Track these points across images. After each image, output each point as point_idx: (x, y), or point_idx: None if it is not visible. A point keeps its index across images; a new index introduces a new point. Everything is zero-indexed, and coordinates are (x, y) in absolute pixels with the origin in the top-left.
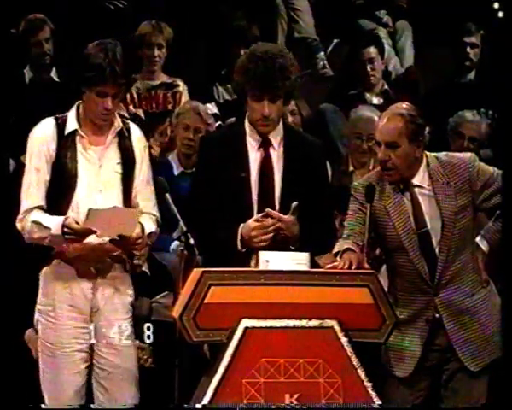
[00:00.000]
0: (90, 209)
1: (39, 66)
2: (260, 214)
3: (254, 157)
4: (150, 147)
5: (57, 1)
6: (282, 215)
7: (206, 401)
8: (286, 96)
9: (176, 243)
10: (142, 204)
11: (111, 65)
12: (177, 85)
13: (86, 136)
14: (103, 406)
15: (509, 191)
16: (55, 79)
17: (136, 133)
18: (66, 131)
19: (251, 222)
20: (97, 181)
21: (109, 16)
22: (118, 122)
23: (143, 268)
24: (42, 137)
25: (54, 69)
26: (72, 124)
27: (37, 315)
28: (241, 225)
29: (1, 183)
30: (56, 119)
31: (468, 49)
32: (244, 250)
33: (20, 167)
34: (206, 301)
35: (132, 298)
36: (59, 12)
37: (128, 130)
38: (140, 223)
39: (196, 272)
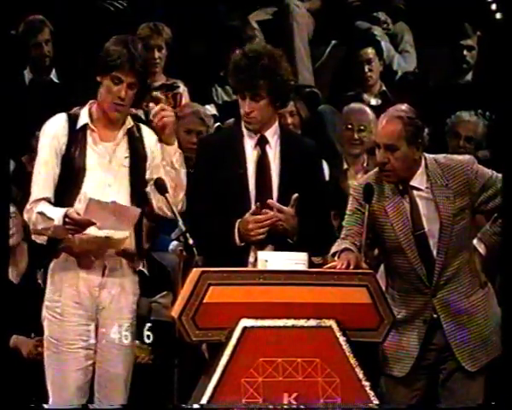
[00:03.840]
0: (90, 199)
1: (39, 67)
2: (258, 203)
3: (251, 155)
4: None
5: (57, 2)
6: (282, 207)
7: (204, 400)
8: (273, 96)
9: (175, 243)
10: (154, 202)
11: (129, 52)
12: (178, 87)
13: (97, 130)
14: (101, 405)
15: (509, 192)
16: (55, 80)
17: (147, 133)
18: (78, 125)
19: (247, 216)
20: (106, 175)
21: (109, 17)
22: (129, 121)
23: (140, 267)
24: (53, 131)
25: (53, 70)
26: (83, 118)
27: (44, 311)
28: (238, 220)
29: (1, 183)
30: (69, 114)
31: (465, 51)
32: (242, 244)
33: (20, 168)
34: (205, 301)
35: (137, 297)
36: (58, 13)
37: (139, 130)
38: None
39: (195, 272)
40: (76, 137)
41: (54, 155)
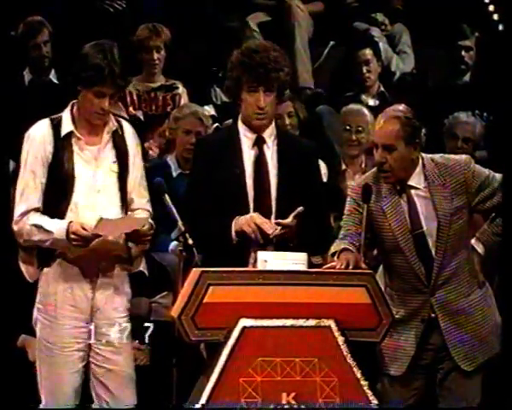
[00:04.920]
0: (101, 218)
1: (38, 68)
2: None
3: (248, 155)
4: (149, 148)
5: (56, 3)
6: (289, 222)
7: (203, 400)
8: (279, 90)
9: (174, 243)
10: (136, 200)
11: (110, 65)
12: (177, 88)
13: (82, 136)
14: (104, 405)
15: (508, 192)
16: (54, 80)
17: (128, 131)
18: (63, 133)
19: (256, 215)
20: (95, 181)
21: (108, 18)
22: (112, 122)
23: (141, 268)
24: (38, 140)
25: (53, 71)
26: (67, 125)
27: (36, 314)
28: (236, 217)
29: (1, 183)
30: (51, 120)
31: (463, 52)
32: (237, 239)
33: (20, 168)
34: (204, 301)
35: (130, 296)
36: (57, 14)
37: (122, 128)
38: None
39: (195, 272)
40: (62, 145)
41: (40, 164)
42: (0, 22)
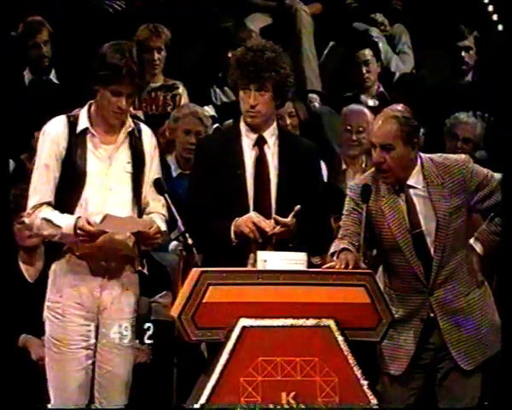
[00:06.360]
0: (106, 215)
1: (38, 68)
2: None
3: (249, 155)
4: None
5: (56, 3)
6: (287, 221)
7: (203, 399)
8: (276, 91)
9: (174, 243)
10: (151, 204)
11: (128, 65)
12: (177, 88)
13: (97, 134)
14: (97, 405)
15: (507, 193)
16: (54, 80)
17: (146, 133)
18: (78, 130)
19: (254, 214)
20: (107, 179)
21: (108, 18)
22: (129, 123)
23: (140, 267)
24: (53, 135)
25: (53, 71)
26: (83, 122)
27: (45, 311)
28: (236, 218)
29: (1, 183)
30: (68, 117)
31: (463, 53)
32: (236, 241)
33: (20, 167)
34: (204, 301)
35: (138, 297)
36: (57, 14)
37: (139, 130)
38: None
39: (195, 272)
40: (76, 141)
41: (54, 159)
42: (0, 22)
